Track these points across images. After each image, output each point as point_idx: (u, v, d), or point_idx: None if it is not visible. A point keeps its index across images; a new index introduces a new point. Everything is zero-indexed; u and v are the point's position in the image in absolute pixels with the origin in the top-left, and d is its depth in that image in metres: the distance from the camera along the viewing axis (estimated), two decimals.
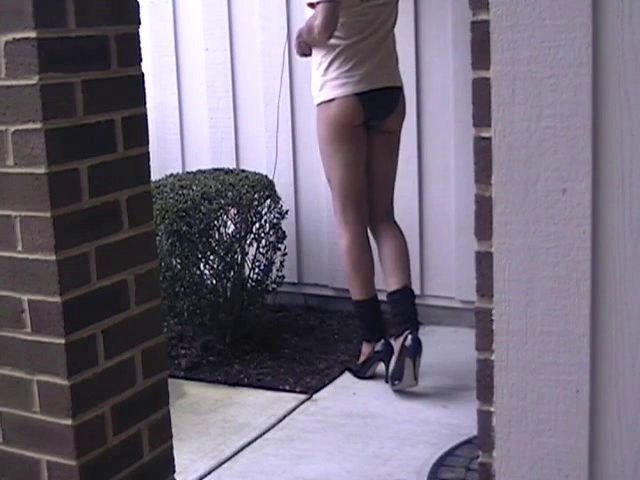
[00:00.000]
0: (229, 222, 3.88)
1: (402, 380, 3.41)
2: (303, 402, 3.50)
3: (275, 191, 4.08)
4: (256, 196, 3.92)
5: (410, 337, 3.41)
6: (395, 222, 3.69)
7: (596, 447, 1.51)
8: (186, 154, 4.74)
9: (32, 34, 1.79)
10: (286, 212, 4.11)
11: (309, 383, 3.68)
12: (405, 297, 3.54)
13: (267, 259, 4.04)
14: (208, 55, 4.57)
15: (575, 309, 1.47)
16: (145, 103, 2.07)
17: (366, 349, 3.66)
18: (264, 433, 3.26)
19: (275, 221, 4.05)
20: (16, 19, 1.80)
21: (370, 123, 3.56)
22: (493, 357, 1.54)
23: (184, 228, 3.73)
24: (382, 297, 3.70)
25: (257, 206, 3.94)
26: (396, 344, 3.47)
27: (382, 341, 3.59)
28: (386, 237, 3.63)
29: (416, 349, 3.40)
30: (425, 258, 4.18)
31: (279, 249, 4.09)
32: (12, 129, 1.85)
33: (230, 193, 3.84)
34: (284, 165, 4.43)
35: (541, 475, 1.54)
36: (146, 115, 2.07)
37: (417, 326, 3.51)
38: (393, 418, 3.32)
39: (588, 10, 1.39)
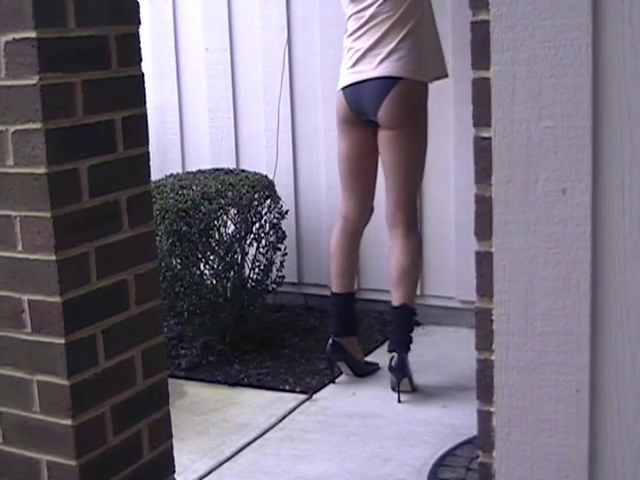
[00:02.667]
0: (229, 222, 3.88)
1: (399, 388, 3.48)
2: (303, 402, 3.50)
3: (275, 191, 4.09)
4: (256, 196, 3.93)
5: (395, 359, 3.47)
6: (404, 232, 3.51)
7: (596, 447, 1.51)
8: (186, 154, 4.74)
9: (32, 34, 1.79)
10: (286, 212, 4.11)
11: (309, 383, 3.68)
12: (399, 317, 3.55)
13: (267, 259, 4.04)
14: (208, 55, 4.57)
15: (575, 309, 1.47)
16: (145, 103, 2.07)
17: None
18: (264, 433, 3.26)
19: (275, 221, 4.05)
20: (16, 19, 1.80)
21: (369, 118, 3.49)
22: (493, 357, 1.54)
23: (184, 228, 3.73)
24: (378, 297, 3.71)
25: (257, 206, 3.94)
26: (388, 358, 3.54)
27: (330, 340, 3.65)
28: (392, 248, 3.56)
29: (400, 371, 3.45)
30: (425, 258, 4.17)
31: (279, 249, 4.10)
32: (12, 129, 1.85)
33: (230, 193, 3.84)
34: (284, 165, 4.43)
35: (541, 475, 1.54)
36: (146, 115, 2.07)
37: (406, 348, 3.51)
38: (393, 418, 3.32)
39: (588, 10, 1.39)
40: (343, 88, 3.50)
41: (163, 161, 4.67)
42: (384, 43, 3.40)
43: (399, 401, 3.42)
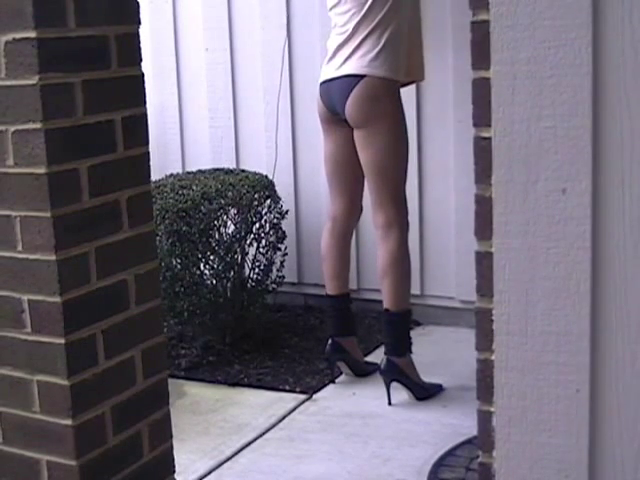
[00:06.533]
0: (229, 222, 3.88)
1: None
2: (303, 402, 3.50)
3: (275, 191, 4.09)
4: (256, 196, 3.92)
5: (383, 362, 3.46)
6: (382, 234, 3.45)
7: (596, 447, 1.51)
8: (186, 154, 4.74)
9: (32, 34, 1.79)
10: (286, 212, 4.11)
11: (309, 383, 3.68)
12: (384, 321, 3.54)
13: (267, 259, 4.04)
14: (208, 55, 4.57)
15: (575, 309, 1.47)
16: (145, 103, 2.07)
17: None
18: (264, 433, 3.26)
19: (275, 221, 4.05)
20: (16, 19, 1.80)
21: (343, 118, 3.44)
22: (493, 357, 1.54)
23: (184, 228, 3.73)
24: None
25: (257, 206, 3.94)
26: None
27: (329, 341, 3.66)
28: (377, 249, 3.52)
29: (387, 375, 3.44)
30: (425, 258, 4.18)
31: (279, 249, 4.09)
32: (12, 129, 1.85)
33: (230, 193, 3.84)
34: (284, 165, 4.43)
35: (541, 475, 1.54)
36: (146, 115, 2.07)
37: (395, 351, 3.45)
38: (393, 418, 3.32)
39: (588, 10, 1.39)
40: (320, 85, 3.51)
41: (163, 161, 4.67)
42: (350, 41, 3.39)
43: (389, 404, 3.42)
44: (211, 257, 3.84)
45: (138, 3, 2.03)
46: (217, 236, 3.82)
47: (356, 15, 3.36)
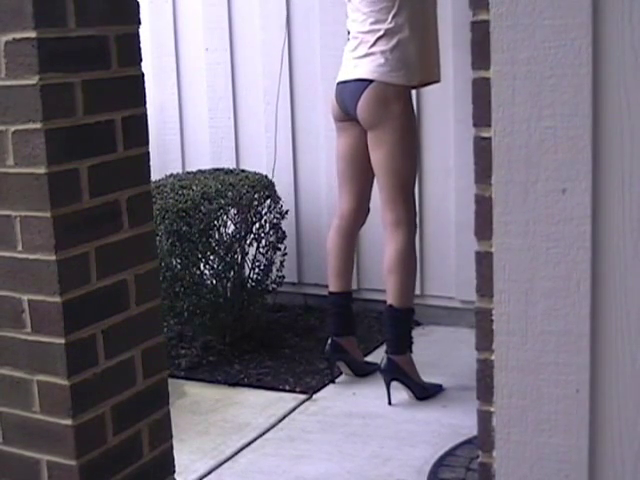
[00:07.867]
0: (229, 222, 3.88)
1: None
2: (303, 402, 3.50)
3: (275, 191, 4.09)
4: (256, 196, 3.93)
5: (384, 361, 3.46)
6: (391, 231, 3.49)
7: (596, 447, 1.51)
8: (186, 154, 4.74)
9: (32, 34, 1.79)
10: (286, 212, 4.11)
11: (309, 383, 3.68)
12: (386, 318, 3.54)
13: (267, 259, 4.04)
14: (208, 55, 4.57)
15: (575, 309, 1.47)
16: (145, 103, 2.07)
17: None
18: (264, 433, 3.26)
19: (275, 221, 4.05)
20: (16, 19, 1.80)
21: (355, 118, 3.49)
22: (493, 357, 1.54)
23: (184, 228, 3.73)
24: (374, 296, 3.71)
25: (257, 206, 3.94)
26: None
27: (329, 341, 3.66)
28: (385, 247, 3.54)
29: (387, 373, 3.44)
30: (425, 258, 4.18)
31: (279, 249, 4.10)
32: (12, 129, 1.85)
33: (230, 193, 3.84)
34: (284, 165, 4.43)
35: (541, 475, 1.54)
36: (146, 115, 2.07)
37: (396, 348, 3.46)
38: (393, 418, 3.32)
39: (588, 10, 1.39)
40: (336, 85, 3.55)
41: (163, 161, 4.67)
42: (361, 46, 3.45)
43: (389, 403, 3.42)
44: (211, 257, 3.84)
45: (138, 3, 2.03)
46: (217, 236, 3.82)
47: (366, 21, 3.42)
